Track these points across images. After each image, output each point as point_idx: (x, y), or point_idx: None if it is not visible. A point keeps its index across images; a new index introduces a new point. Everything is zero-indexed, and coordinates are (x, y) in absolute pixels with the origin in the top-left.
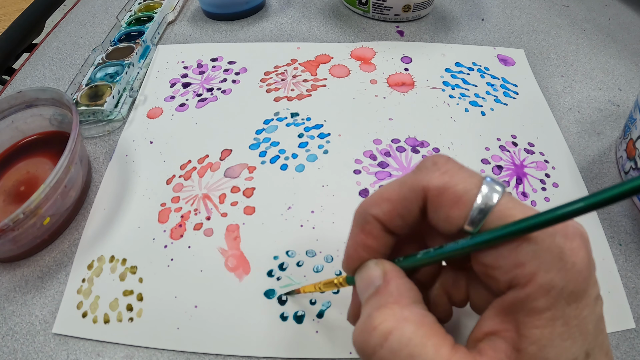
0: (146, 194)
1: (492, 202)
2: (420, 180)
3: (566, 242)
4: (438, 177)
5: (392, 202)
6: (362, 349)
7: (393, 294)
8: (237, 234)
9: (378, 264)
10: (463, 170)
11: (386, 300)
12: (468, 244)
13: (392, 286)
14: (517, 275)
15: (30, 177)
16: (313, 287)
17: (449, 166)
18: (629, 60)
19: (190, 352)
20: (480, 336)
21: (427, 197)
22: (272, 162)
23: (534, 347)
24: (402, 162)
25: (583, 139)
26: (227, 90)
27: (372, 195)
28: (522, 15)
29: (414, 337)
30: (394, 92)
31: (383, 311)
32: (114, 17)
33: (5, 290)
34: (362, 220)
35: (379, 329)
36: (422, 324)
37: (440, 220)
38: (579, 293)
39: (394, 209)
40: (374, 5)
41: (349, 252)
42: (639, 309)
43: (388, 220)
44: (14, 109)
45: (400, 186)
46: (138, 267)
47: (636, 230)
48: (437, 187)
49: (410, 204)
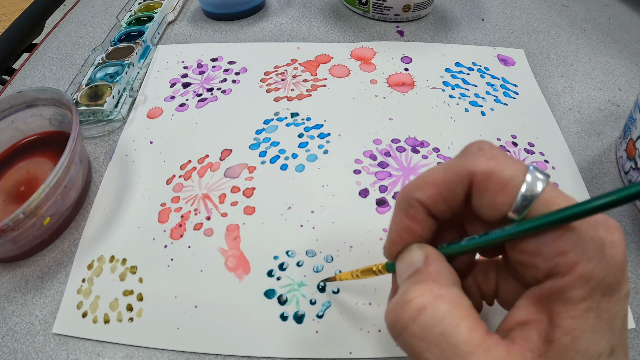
0: (146, 194)
1: (537, 190)
2: (467, 165)
3: (607, 234)
4: (484, 162)
5: (437, 186)
6: (393, 323)
7: (432, 273)
8: (237, 234)
9: (421, 248)
10: (508, 157)
11: (424, 278)
12: (515, 231)
13: (432, 267)
14: (558, 264)
15: (30, 177)
16: (350, 274)
17: (494, 152)
18: (629, 60)
19: (190, 352)
20: (512, 325)
21: (472, 182)
22: (272, 162)
23: (567, 337)
24: (402, 162)
25: (583, 139)
26: (227, 90)
27: (416, 179)
28: (522, 15)
29: (448, 315)
30: (394, 92)
31: (420, 286)
32: (114, 17)
33: (5, 290)
34: (406, 205)
35: (414, 302)
36: (458, 304)
37: (484, 206)
38: (614, 287)
39: (439, 194)
40: (374, 5)
41: (392, 237)
42: (639, 309)
43: (432, 205)
44: (14, 109)
45: (446, 170)
46: (138, 267)
47: (636, 230)
48: (484, 172)
49: (456, 189)
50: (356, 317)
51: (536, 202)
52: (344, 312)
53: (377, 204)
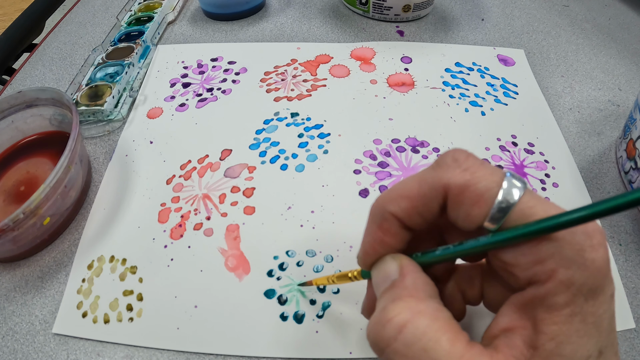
0: (146, 194)
1: (514, 199)
2: (441, 178)
3: (586, 239)
4: (459, 175)
5: (411, 199)
6: (375, 341)
7: (408, 287)
8: (237, 234)
9: (395, 259)
10: (484, 166)
11: (401, 293)
12: (488, 242)
13: (408, 280)
14: (537, 272)
15: (30, 177)
16: (326, 279)
17: (469, 162)
18: (629, 60)
19: (190, 352)
20: (496, 333)
21: (447, 194)
22: (272, 162)
23: (551, 343)
24: (402, 162)
25: (583, 139)
26: (227, 90)
27: (390, 191)
28: (522, 15)
29: (428, 330)
30: (394, 92)
31: (398, 304)
32: (114, 17)
33: (5, 290)
34: (379, 217)
35: (394, 321)
36: (437, 318)
37: (460, 218)
38: (597, 290)
39: (413, 207)
40: (374, 5)
41: (365, 249)
42: (639, 309)
43: (406, 218)
44: (14, 109)
45: (420, 183)
46: (138, 267)
47: (636, 230)
48: (458, 186)
49: (430, 202)
50: (356, 317)
51: (513, 212)
52: (344, 312)
53: None
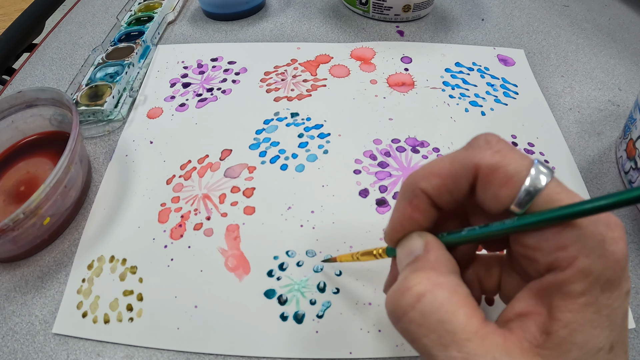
0: (146, 194)
1: (541, 185)
2: (472, 158)
3: (608, 230)
4: (490, 156)
5: (442, 177)
6: (393, 309)
7: (431, 261)
8: (237, 234)
9: (421, 236)
10: (514, 151)
11: (423, 266)
12: (514, 225)
13: (431, 255)
14: (558, 258)
15: (30, 177)
16: (350, 256)
17: (500, 145)
18: (629, 60)
19: (190, 352)
20: (511, 316)
21: (477, 174)
22: (272, 162)
23: (564, 330)
24: (402, 162)
25: (583, 139)
26: (227, 90)
27: (422, 168)
28: (522, 15)
29: (446, 302)
30: (394, 92)
31: (419, 274)
32: (114, 17)
33: (5, 290)
34: (410, 194)
35: (413, 290)
36: (456, 292)
37: (488, 198)
38: (613, 283)
39: (444, 185)
40: (374, 5)
41: (394, 224)
42: (639, 309)
43: (436, 195)
44: (14, 109)
45: (452, 162)
46: (138, 267)
47: (636, 230)
48: (489, 166)
49: (461, 180)
50: (356, 317)
51: (539, 197)
52: (344, 312)
53: (377, 204)
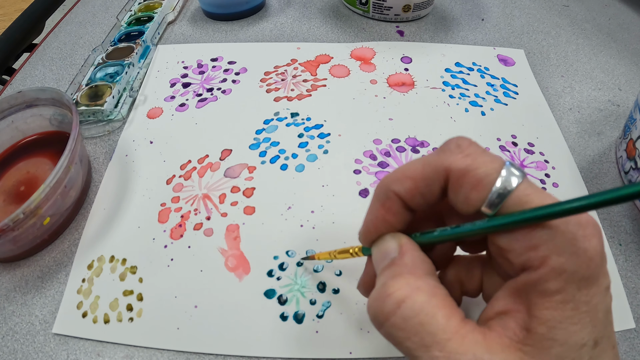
0: (146, 194)
1: (511, 186)
2: (444, 161)
3: (579, 229)
4: (461, 160)
5: (414, 180)
6: (375, 315)
7: (408, 264)
8: (237, 234)
9: (395, 237)
10: (485, 154)
11: (401, 271)
12: (484, 226)
13: (407, 258)
14: (530, 258)
15: (30, 177)
16: (328, 254)
17: (471, 149)
18: (629, 60)
19: (190, 352)
20: (492, 315)
21: (449, 178)
22: (272, 162)
23: (543, 327)
24: (402, 162)
25: (583, 139)
26: (227, 90)
27: (395, 171)
28: (522, 15)
29: (425, 306)
30: (394, 92)
31: (398, 280)
32: (114, 17)
33: (5, 290)
34: (383, 196)
35: (393, 296)
36: (434, 294)
37: (459, 201)
38: (589, 279)
39: (416, 188)
40: (374, 5)
41: (367, 226)
42: (639, 309)
43: (409, 198)
44: (14, 109)
45: (424, 165)
46: (138, 267)
47: (636, 230)
48: (459, 169)
49: (432, 184)
50: (356, 317)
51: (510, 199)
52: (344, 312)
53: None
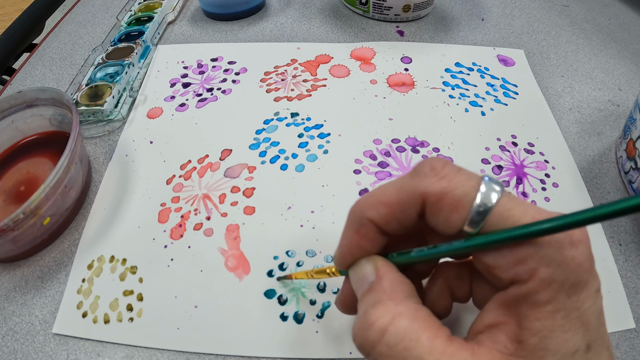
0: (146, 194)
1: (491, 203)
2: (418, 186)
3: (565, 237)
4: (436, 183)
5: (389, 206)
6: (361, 344)
7: (387, 290)
8: (237, 234)
9: (370, 261)
10: (461, 172)
11: (380, 297)
12: (462, 246)
13: (385, 282)
14: (518, 272)
15: (30, 177)
16: (305, 274)
17: (446, 170)
18: (629, 60)
19: (190, 352)
20: (481, 328)
21: (425, 202)
22: (272, 162)
23: (535, 338)
24: (402, 162)
25: (583, 139)
26: (227, 90)
27: (368, 196)
28: (522, 15)
29: (408, 330)
30: (394, 92)
31: (378, 308)
32: (114, 17)
33: (5, 290)
34: (357, 223)
35: (376, 325)
36: (416, 317)
37: (440, 223)
38: (579, 285)
39: (391, 213)
40: (374, 5)
41: (342, 252)
42: (639, 309)
43: (384, 224)
44: (14, 109)
45: (398, 191)
46: (138, 267)
47: (636, 230)
48: (436, 193)
49: (408, 209)
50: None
51: (491, 215)
52: None
53: None
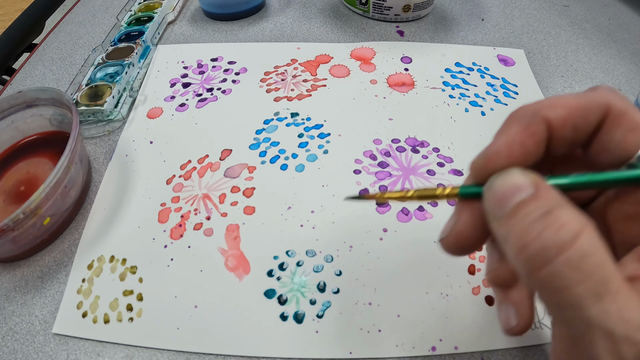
0: (146, 194)
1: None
2: (603, 97)
3: None
4: (620, 100)
5: (569, 108)
6: (541, 249)
7: (561, 200)
8: (237, 234)
9: (524, 174)
10: None
11: (556, 204)
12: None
13: (552, 193)
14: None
15: (30, 177)
16: (402, 194)
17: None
18: (629, 60)
19: (190, 352)
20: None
21: (608, 113)
22: (272, 162)
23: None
24: (402, 162)
25: None
26: (227, 90)
27: (544, 100)
28: (522, 15)
29: (600, 245)
30: (394, 92)
31: (567, 210)
32: (114, 17)
33: (5, 290)
34: (528, 119)
35: (568, 227)
36: (599, 237)
37: (614, 140)
38: None
39: (570, 116)
40: (374, 5)
41: (496, 148)
42: None
43: (559, 127)
44: (14, 109)
45: (579, 96)
46: (138, 267)
47: None
48: (620, 109)
49: (589, 115)
50: (356, 317)
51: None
52: (344, 312)
53: (377, 204)
